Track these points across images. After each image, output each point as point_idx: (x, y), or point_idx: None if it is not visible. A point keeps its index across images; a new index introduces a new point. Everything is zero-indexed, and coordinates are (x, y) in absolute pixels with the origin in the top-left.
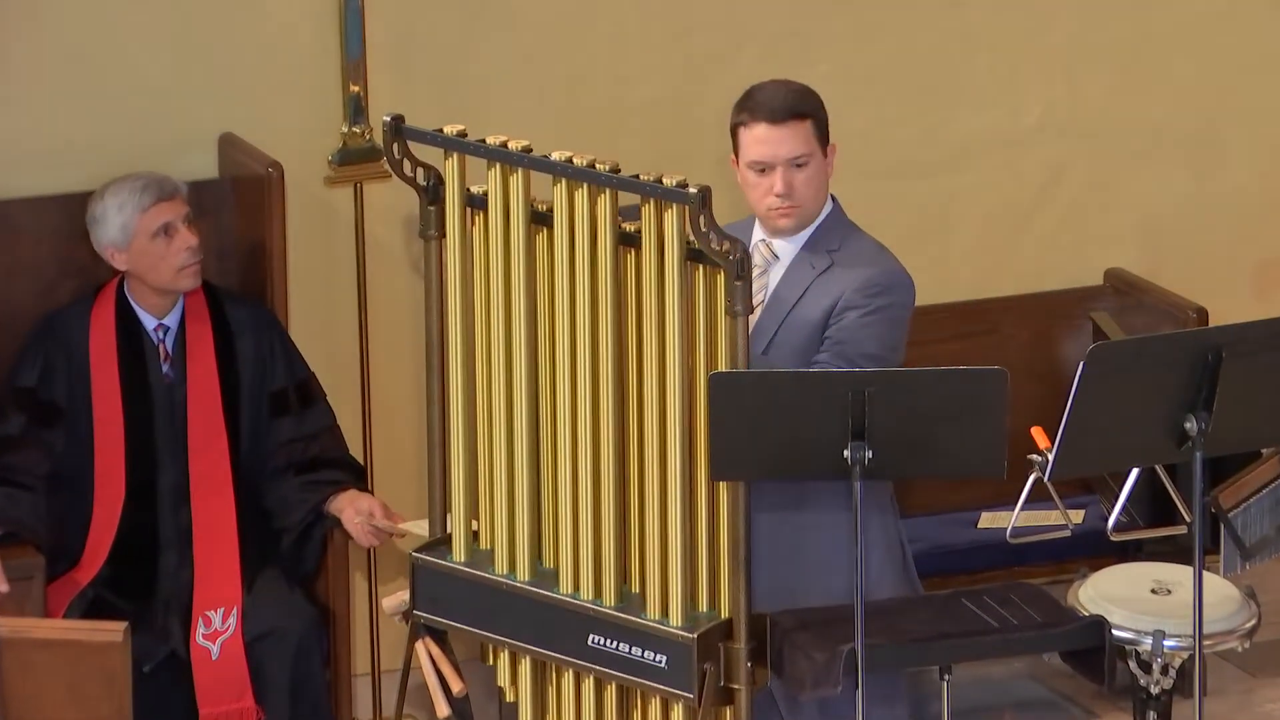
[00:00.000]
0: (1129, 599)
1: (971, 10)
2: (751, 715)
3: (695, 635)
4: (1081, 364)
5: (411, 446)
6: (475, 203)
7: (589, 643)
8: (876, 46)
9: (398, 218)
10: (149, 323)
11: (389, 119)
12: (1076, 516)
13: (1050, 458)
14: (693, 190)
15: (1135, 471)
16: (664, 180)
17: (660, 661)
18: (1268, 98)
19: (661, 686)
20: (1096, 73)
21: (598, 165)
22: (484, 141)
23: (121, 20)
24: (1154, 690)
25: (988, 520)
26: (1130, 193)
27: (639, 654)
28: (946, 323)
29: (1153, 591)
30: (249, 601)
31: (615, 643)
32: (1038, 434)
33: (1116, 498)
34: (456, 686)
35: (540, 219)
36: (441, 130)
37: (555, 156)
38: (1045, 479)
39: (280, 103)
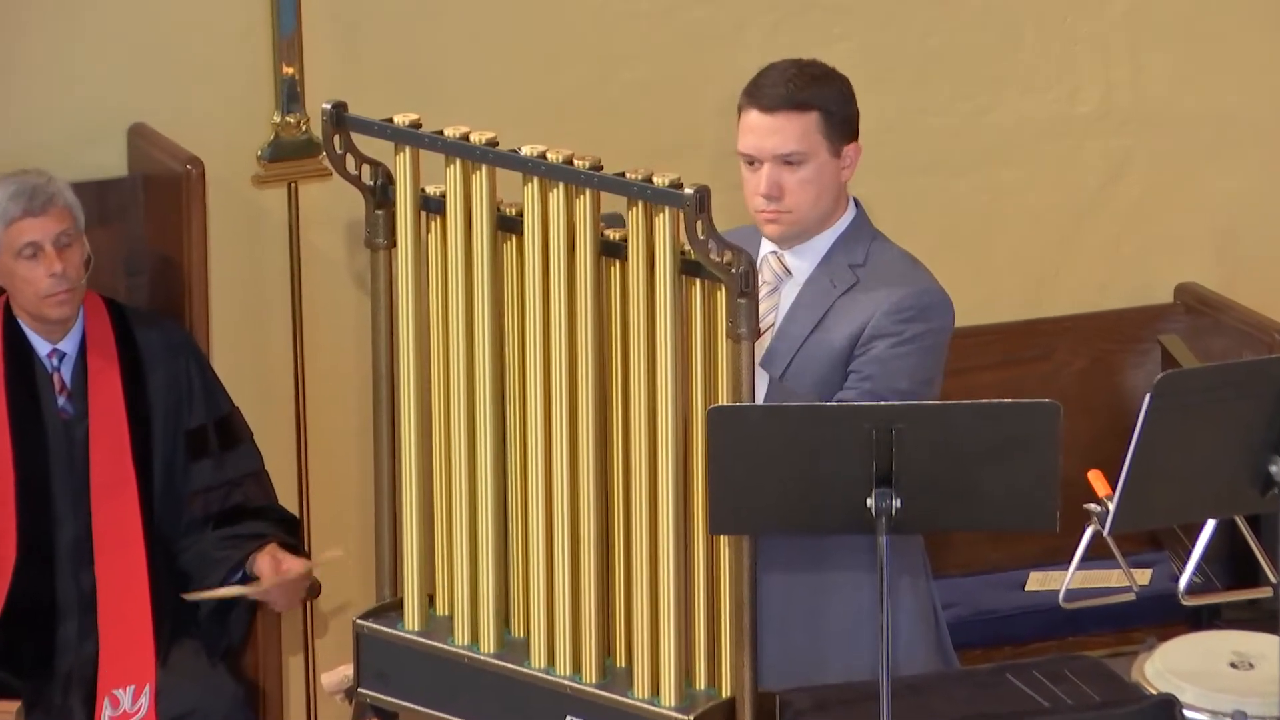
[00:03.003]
0: (1204, 674)
1: None
2: None
3: (692, 717)
4: (1148, 396)
5: (355, 495)
6: (431, 205)
7: None
8: (906, 21)
9: (339, 223)
10: (42, 348)
11: (329, 106)
12: (1142, 577)
13: (1111, 507)
14: (688, 191)
15: (1211, 524)
16: (655, 179)
17: None
18: None
19: None
20: (1163, 51)
21: (576, 161)
22: (441, 133)
23: None
24: None
25: (1037, 581)
26: (1204, 193)
27: None
28: (990, 347)
29: (1232, 665)
30: (164, 678)
31: None
32: (1096, 479)
33: (1189, 554)
34: None
35: (508, 225)
36: (391, 120)
37: (526, 151)
38: (1105, 533)
39: (200, 88)
